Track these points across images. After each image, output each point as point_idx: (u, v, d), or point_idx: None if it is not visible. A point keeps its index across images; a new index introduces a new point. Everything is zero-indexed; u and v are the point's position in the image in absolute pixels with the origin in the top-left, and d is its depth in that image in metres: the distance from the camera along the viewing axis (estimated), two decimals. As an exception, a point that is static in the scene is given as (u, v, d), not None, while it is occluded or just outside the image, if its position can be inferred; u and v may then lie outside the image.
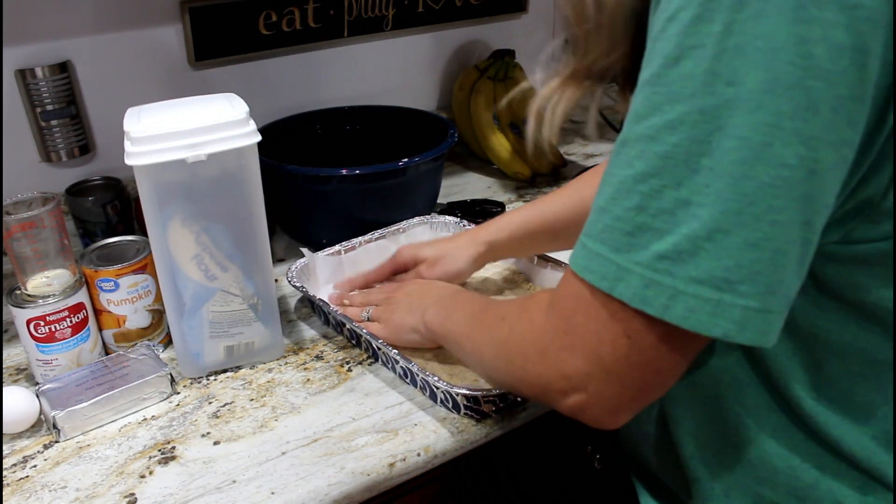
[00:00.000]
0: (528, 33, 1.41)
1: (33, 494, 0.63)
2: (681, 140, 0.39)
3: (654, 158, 0.40)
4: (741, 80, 0.37)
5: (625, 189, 0.42)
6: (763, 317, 0.40)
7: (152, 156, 0.65)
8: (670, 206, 0.40)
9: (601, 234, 0.43)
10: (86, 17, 0.98)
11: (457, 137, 1.02)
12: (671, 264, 0.40)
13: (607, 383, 0.45)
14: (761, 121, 0.37)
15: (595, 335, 0.44)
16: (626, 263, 0.41)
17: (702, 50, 0.38)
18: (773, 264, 0.39)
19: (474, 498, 0.79)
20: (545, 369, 0.49)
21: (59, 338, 0.73)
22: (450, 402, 0.70)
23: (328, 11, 1.15)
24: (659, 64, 0.40)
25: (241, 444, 0.68)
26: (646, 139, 0.41)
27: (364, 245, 0.92)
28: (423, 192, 1.03)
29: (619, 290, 0.42)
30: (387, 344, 0.74)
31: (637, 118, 0.41)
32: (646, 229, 0.41)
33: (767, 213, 0.38)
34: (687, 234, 0.39)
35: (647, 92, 0.41)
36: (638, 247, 0.41)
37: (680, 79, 0.39)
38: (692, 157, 0.39)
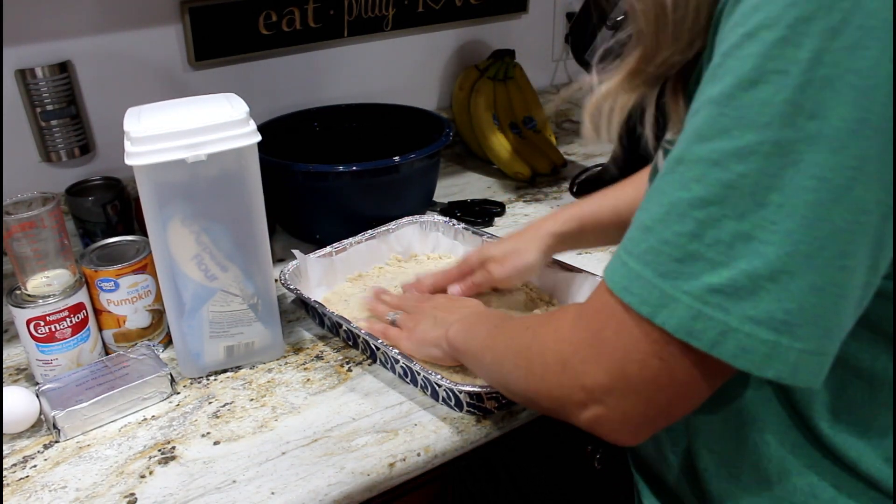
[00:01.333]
0: (528, 33, 1.41)
1: (33, 494, 0.63)
2: (749, 171, 0.37)
3: (717, 186, 0.38)
4: (826, 116, 0.35)
5: (678, 212, 0.39)
6: (818, 360, 0.39)
7: (152, 156, 0.65)
8: (728, 239, 0.38)
9: (645, 255, 0.41)
10: (86, 17, 0.98)
11: (452, 136, 1.03)
12: (725, 299, 0.38)
13: (629, 400, 0.44)
14: (844, 163, 0.35)
15: (623, 351, 0.43)
16: (673, 291, 0.39)
17: (785, 77, 0.35)
18: (835, 308, 0.38)
19: (474, 498, 0.79)
20: (565, 379, 0.47)
21: (59, 338, 0.73)
22: (452, 400, 0.70)
23: (328, 11, 1.15)
24: (731, 84, 0.37)
25: (241, 444, 0.68)
26: (709, 163, 0.38)
27: (355, 246, 0.92)
28: (419, 189, 1.04)
29: (661, 318, 0.40)
30: (387, 344, 0.74)
31: (700, 138, 0.39)
32: (698, 258, 0.39)
33: (838, 259, 0.36)
34: (747, 270, 0.37)
35: (713, 112, 0.38)
36: (687, 275, 0.39)
37: (756, 104, 0.36)
38: (760, 191, 0.37)
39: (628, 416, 0.45)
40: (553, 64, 1.49)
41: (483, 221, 1.08)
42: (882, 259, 0.38)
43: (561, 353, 0.48)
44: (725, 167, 0.37)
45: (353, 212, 0.97)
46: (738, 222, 0.37)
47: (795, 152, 0.36)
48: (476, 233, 0.94)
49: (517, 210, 1.13)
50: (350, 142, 1.17)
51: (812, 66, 0.35)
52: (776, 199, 0.36)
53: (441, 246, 0.98)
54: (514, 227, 1.07)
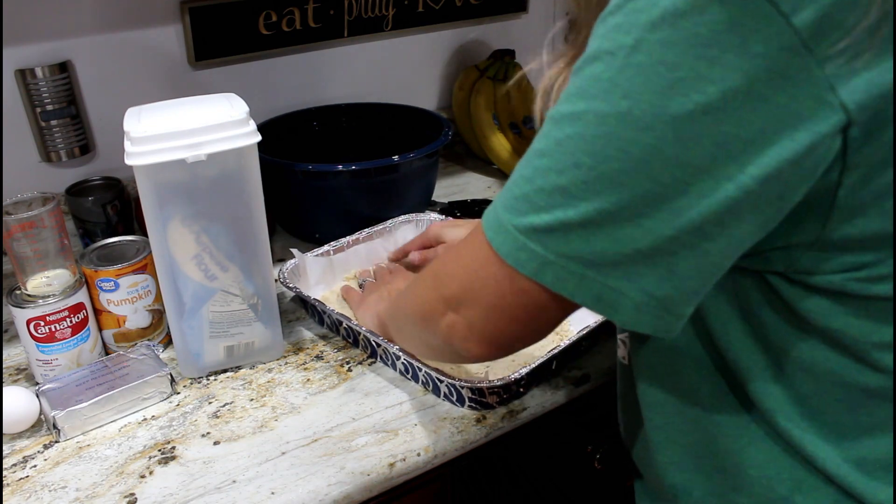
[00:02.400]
0: (528, 33, 1.41)
1: (33, 494, 0.63)
2: (573, 133, 0.42)
3: (552, 141, 0.44)
4: (636, 98, 0.39)
5: (527, 158, 0.46)
6: (617, 295, 0.43)
7: (152, 156, 0.65)
8: (549, 188, 0.43)
9: (504, 190, 0.47)
10: (86, 17, 0.98)
11: (451, 135, 1.03)
12: (543, 237, 0.43)
13: (473, 311, 0.50)
14: (645, 141, 0.39)
15: (472, 270, 0.49)
16: (506, 223, 0.45)
17: (612, 58, 0.40)
18: (632, 259, 0.42)
19: (474, 498, 0.79)
20: (432, 292, 0.54)
21: (59, 338, 0.73)
22: (454, 396, 0.70)
23: (328, 11, 1.15)
24: (583, 58, 0.42)
25: (241, 444, 0.68)
26: (553, 122, 0.44)
27: (352, 245, 0.93)
28: (418, 189, 1.04)
29: (496, 243, 0.46)
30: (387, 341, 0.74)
31: (559, 101, 0.45)
32: (526, 200, 0.44)
33: (635, 218, 0.41)
34: (561, 218, 0.43)
35: (570, 80, 0.44)
36: (516, 212, 0.45)
37: (590, 78, 0.41)
38: (577, 153, 0.42)
39: (473, 326, 0.50)
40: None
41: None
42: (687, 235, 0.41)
43: (433, 269, 0.55)
44: (560, 127, 0.43)
45: (353, 211, 0.97)
46: (558, 176, 0.43)
47: (607, 124, 0.40)
48: None
49: (517, 210, 1.13)
50: (350, 141, 1.17)
51: (632, 51, 0.39)
52: (588, 162, 0.41)
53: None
54: (514, 227, 1.07)
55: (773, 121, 0.38)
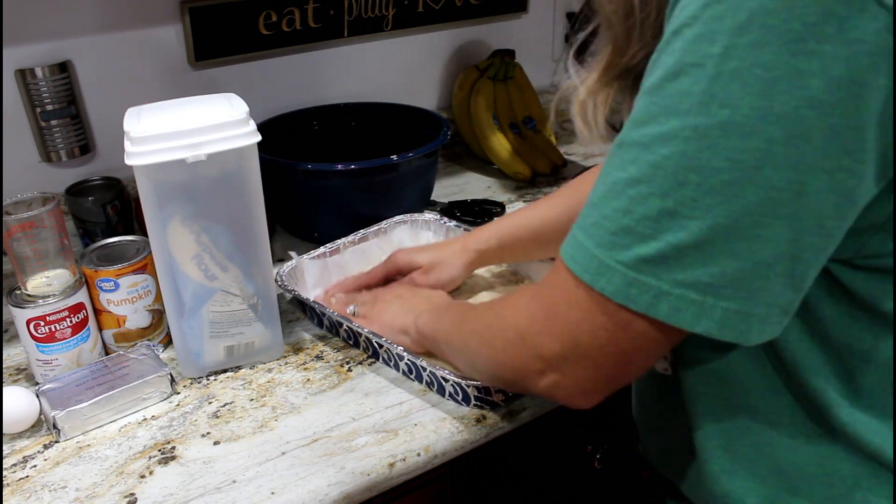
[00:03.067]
0: (528, 33, 1.41)
1: (33, 494, 0.63)
2: (671, 153, 0.41)
3: (645, 166, 0.42)
4: (736, 105, 0.38)
5: (616, 190, 0.43)
6: (742, 318, 0.42)
7: (152, 156, 0.65)
8: (654, 214, 0.42)
9: (589, 229, 0.45)
10: (86, 17, 0.98)
11: (450, 135, 1.03)
12: (655, 267, 0.42)
13: (582, 367, 0.48)
14: (753, 146, 0.39)
15: (574, 322, 0.47)
16: (609, 260, 0.44)
17: (700, 69, 0.39)
18: (755, 274, 0.41)
19: (474, 498, 0.79)
20: (524, 351, 0.52)
21: (59, 338, 0.73)
22: (459, 395, 0.70)
23: (328, 11, 1.15)
24: (660, 76, 0.41)
25: (241, 444, 0.68)
26: (640, 146, 0.42)
27: (349, 247, 0.93)
28: (417, 188, 1.04)
29: (600, 284, 0.44)
30: (389, 341, 0.74)
31: (635, 124, 0.43)
32: (628, 232, 0.43)
33: (752, 229, 0.40)
34: (673, 242, 0.41)
35: (646, 101, 0.42)
36: (620, 247, 0.43)
37: (677, 94, 0.40)
38: (680, 171, 0.40)
39: (581, 382, 0.49)
40: (553, 64, 1.49)
41: (483, 221, 1.08)
42: (804, 234, 0.41)
43: (518, 326, 0.52)
44: (653, 150, 0.41)
45: (352, 210, 0.97)
46: (662, 200, 0.41)
47: (710, 137, 0.39)
48: (468, 230, 0.95)
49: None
50: (350, 141, 1.17)
51: (723, 60, 0.39)
52: (694, 179, 0.40)
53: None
54: (514, 227, 1.07)
55: (879, 104, 0.38)
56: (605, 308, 0.45)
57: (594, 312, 0.46)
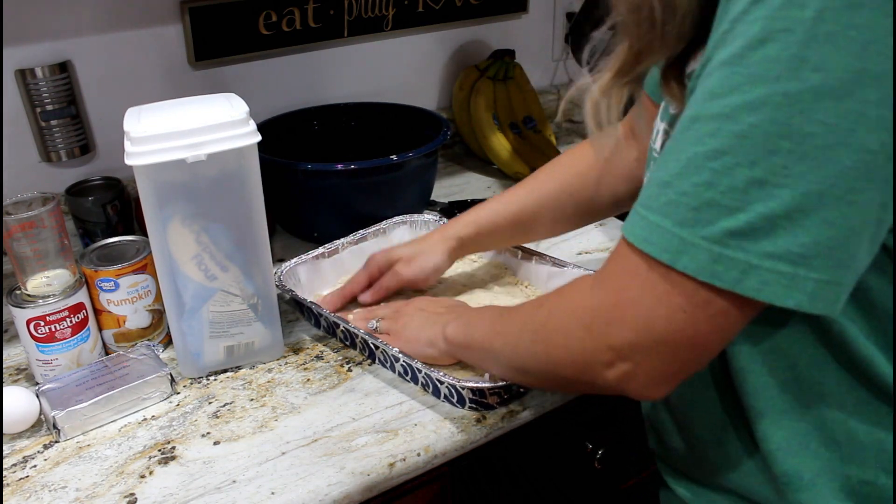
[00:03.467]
0: (528, 33, 1.41)
1: (33, 494, 0.63)
2: (759, 121, 0.40)
3: (730, 137, 0.41)
4: (829, 68, 0.38)
5: (694, 165, 0.42)
6: (833, 289, 0.41)
7: (152, 156, 0.65)
8: (742, 185, 0.40)
9: (664, 208, 0.43)
10: (86, 17, 0.98)
11: (449, 135, 1.03)
12: (743, 240, 0.41)
13: (656, 355, 0.47)
14: (847, 108, 0.38)
15: (648, 307, 0.45)
16: (691, 237, 0.42)
17: (790, 34, 0.39)
18: (846, 241, 0.40)
19: (474, 498, 0.79)
20: (590, 343, 0.49)
21: (59, 338, 0.73)
22: (454, 397, 0.70)
23: (328, 11, 1.15)
24: (742, 45, 0.40)
25: (241, 444, 0.68)
26: (721, 118, 0.41)
27: (347, 248, 0.92)
28: (417, 188, 1.04)
29: (682, 263, 0.43)
30: (386, 343, 0.74)
31: (712, 96, 0.42)
32: (713, 205, 0.41)
33: (847, 195, 0.39)
34: (763, 212, 0.40)
35: (725, 72, 0.41)
36: (704, 222, 0.42)
37: (764, 61, 0.39)
38: (771, 139, 0.40)
39: (657, 370, 0.47)
40: (553, 64, 1.49)
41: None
42: (890, 198, 0.41)
43: (582, 319, 0.50)
44: (737, 120, 0.40)
45: (352, 210, 0.97)
46: (751, 169, 0.40)
47: (802, 101, 0.39)
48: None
49: (517, 210, 1.13)
50: (350, 141, 1.17)
51: (815, 23, 0.38)
52: (786, 146, 0.39)
53: None
54: (514, 227, 1.07)
55: None
56: (684, 288, 0.44)
57: (671, 294, 0.44)
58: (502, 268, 0.93)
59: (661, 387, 0.49)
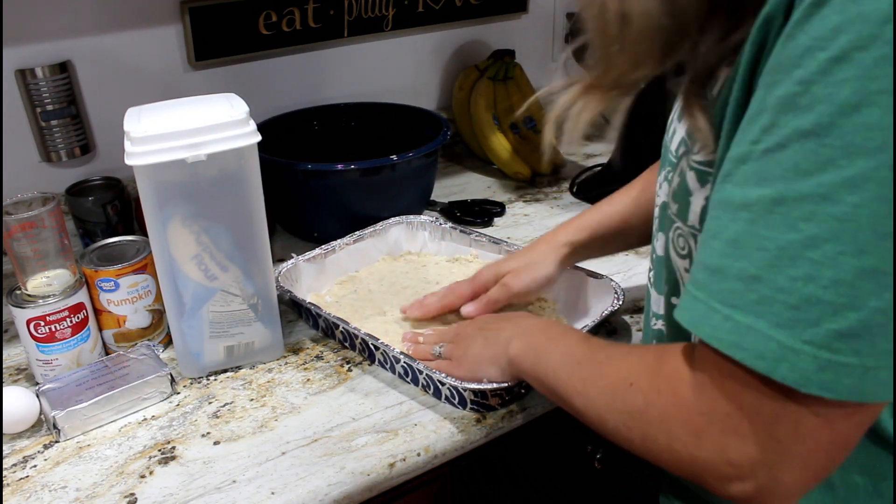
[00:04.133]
0: (528, 33, 1.41)
1: (33, 494, 0.63)
2: (864, 200, 0.35)
3: (829, 221, 0.35)
4: None
5: (789, 255, 0.37)
6: None
7: (152, 156, 0.65)
8: (849, 278, 0.36)
9: (756, 307, 0.38)
10: (86, 17, 0.98)
11: (449, 135, 1.03)
12: (855, 342, 0.36)
13: (786, 469, 0.41)
14: None
15: (770, 416, 0.40)
16: (791, 342, 0.37)
17: (891, 97, 0.34)
18: None
19: (474, 498, 0.79)
20: (703, 453, 0.43)
21: (59, 338, 0.73)
22: (455, 398, 0.70)
23: (328, 11, 1.15)
24: (829, 112, 0.35)
25: (241, 444, 0.68)
26: (817, 198, 0.36)
27: (344, 248, 0.92)
28: (417, 188, 1.04)
29: (781, 373, 0.38)
30: (385, 343, 0.74)
31: (800, 174, 0.36)
32: (815, 303, 0.36)
33: None
34: (880, 307, 0.35)
35: (812, 145, 0.36)
36: (806, 323, 0.37)
37: (863, 129, 0.34)
38: (879, 220, 0.35)
39: (784, 485, 0.41)
40: (553, 64, 1.48)
41: (483, 221, 1.08)
42: None
43: (690, 424, 0.44)
44: (837, 200, 0.35)
45: (352, 210, 0.97)
46: (859, 258, 0.35)
47: None
48: (464, 231, 0.95)
49: (517, 210, 1.13)
50: (350, 141, 1.17)
51: None
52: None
53: (429, 245, 0.98)
54: (513, 227, 1.07)
55: None
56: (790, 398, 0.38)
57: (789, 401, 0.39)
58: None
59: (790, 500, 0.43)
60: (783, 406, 0.39)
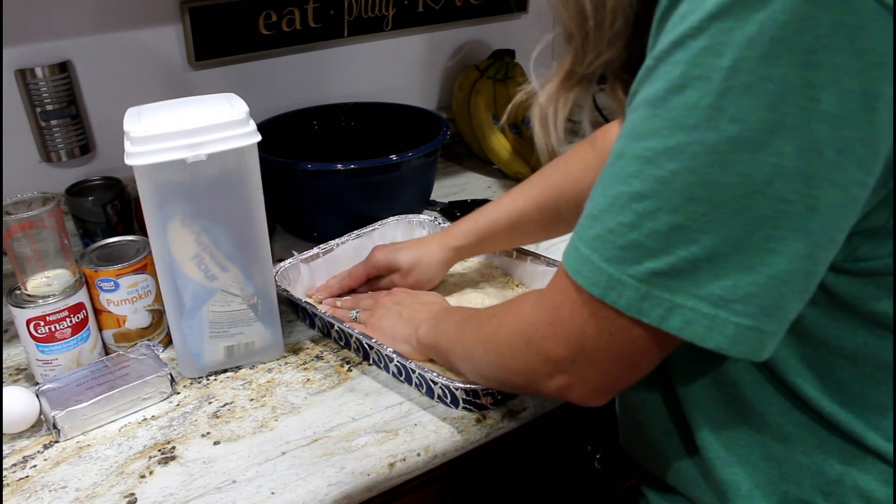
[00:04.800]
0: (528, 33, 1.41)
1: (33, 494, 0.63)
2: (679, 168, 0.40)
3: (651, 181, 0.41)
4: (745, 119, 0.38)
5: (619, 204, 0.43)
6: (755, 335, 0.42)
7: (152, 156, 0.65)
8: (665, 229, 0.41)
9: (592, 242, 0.45)
10: (86, 17, 0.98)
11: (449, 134, 1.03)
12: (668, 280, 0.42)
13: (589, 369, 0.49)
14: (763, 160, 0.38)
15: (579, 328, 0.48)
16: (619, 274, 0.43)
17: (707, 83, 0.38)
18: (768, 289, 0.41)
19: (474, 498, 0.79)
20: (531, 355, 0.52)
21: (59, 338, 0.73)
22: (448, 397, 0.70)
23: (328, 11, 1.15)
24: (663, 88, 0.40)
25: (241, 444, 0.68)
26: (644, 160, 0.41)
27: (341, 246, 0.93)
28: (416, 188, 1.04)
29: (611, 298, 0.44)
30: (380, 343, 0.74)
31: (636, 136, 0.42)
32: (638, 246, 0.42)
33: (765, 242, 0.40)
34: (685, 256, 0.41)
35: (648, 113, 0.41)
36: (630, 261, 0.43)
37: (683, 108, 0.39)
38: (689, 186, 0.40)
39: (591, 382, 0.50)
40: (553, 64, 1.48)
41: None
42: (818, 249, 0.40)
43: (524, 332, 0.53)
44: (658, 164, 0.41)
45: (352, 210, 0.97)
46: (672, 215, 0.41)
47: (719, 152, 0.39)
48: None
49: (517, 210, 1.12)
50: (349, 141, 1.17)
51: (732, 73, 0.38)
52: (703, 194, 0.40)
53: None
54: (514, 227, 1.07)
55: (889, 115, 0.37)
56: (612, 318, 0.45)
57: (599, 320, 0.46)
58: (494, 268, 0.93)
59: (599, 396, 0.52)
60: (590, 320, 0.46)
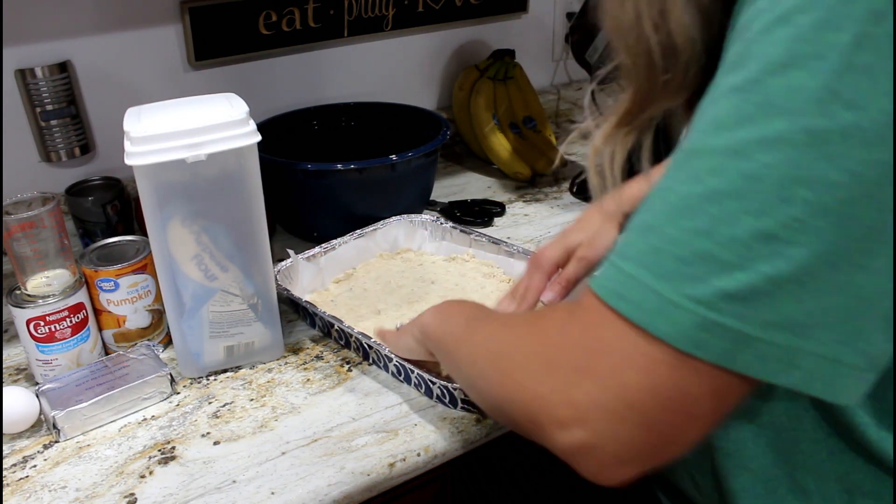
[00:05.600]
0: (528, 33, 1.41)
1: (33, 494, 0.63)
2: (776, 161, 0.33)
3: (737, 177, 0.34)
4: (864, 106, 0.32)
5: (687, 206, 0.35)
6: (833, 367, 0.35)
7: (152, 156, 0.65)
8: (745, 237, 0.33)
9: (642, 256, 0.36)
10: (86, 17, 0.98)
11: (449, 134, 1.03)
12: (741, 305, 0.34)
13: (625, 421, 0.37)
14: (879, 157, 0.32)
15: (623, 358, 0.37)
16: (674, 296, 0.35)
17: (821, 61, 0.32)
18: (852, 312, 0.34)
19: (474, 498, 0.79)
20: (548, 389, 0.40)
21: (59, 338, 0.73)
22: (446, 397, 0.70)
23: (328, 11, 1.15)
24: (758, 69, 0.34)
25: (241, 444, 0.68)
26: (727, 153, 0.34)
27: (343, 245, 0.93)
28: (416, 188, 1.04)
29: (658, 327, 0.35)
30: (378, 342, 0.74)
31: (717, 127, 0.35)
32: (707, 258, 0.34)
33: (860, 258, 0.33)
34: (768, 273, 0.33)
35: (736, 100, 0.35)
36: (692, 278, 0.34)
37: (786, 90, 0.33)
38: (787, 184, 0.33)
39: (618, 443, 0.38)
40: (553, 64, 1.49)
41: (483, 221, 1.08)
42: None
43: (547, 356, 0.41)
44: (748, 156, 0.34)
45: (352, 210, 0.97)
46: (758, 219, 0.33)
47: (829, 144, 0.32)
48: (464, 231, 0.95)
49: (517, 210, 1.13)
50: (349, 141, 1.17)
51: (853, 50, 0.32)
52: (804, 195, 0.33)
53: (427, 244, 0.98)
54: (513, 227, 1.07)
55: None
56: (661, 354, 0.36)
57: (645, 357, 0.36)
58: (495, 267, 0.93)
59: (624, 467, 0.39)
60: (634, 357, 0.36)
